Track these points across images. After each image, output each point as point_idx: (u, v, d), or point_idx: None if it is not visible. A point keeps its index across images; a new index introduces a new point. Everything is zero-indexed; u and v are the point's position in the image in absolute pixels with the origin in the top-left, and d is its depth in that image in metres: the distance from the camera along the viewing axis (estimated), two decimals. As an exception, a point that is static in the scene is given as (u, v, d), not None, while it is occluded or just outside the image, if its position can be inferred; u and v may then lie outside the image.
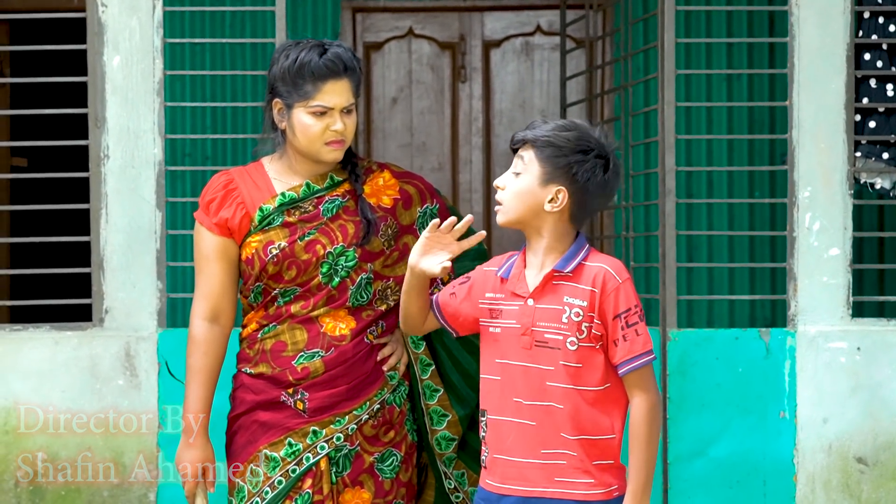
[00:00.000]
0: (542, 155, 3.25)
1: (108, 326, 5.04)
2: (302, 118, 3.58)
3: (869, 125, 5.14)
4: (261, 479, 3.59)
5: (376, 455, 3.69)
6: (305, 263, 3.61)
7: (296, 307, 3.64)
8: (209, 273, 3.65)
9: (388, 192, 3.75)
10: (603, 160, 3.25)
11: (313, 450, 3.62)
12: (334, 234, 3.63)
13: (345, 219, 3.66)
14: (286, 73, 3.58)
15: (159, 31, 5.04)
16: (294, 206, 3.64)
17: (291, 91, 3.58)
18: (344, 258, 3.63)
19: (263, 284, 3.64)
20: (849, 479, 5.06)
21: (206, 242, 3.65)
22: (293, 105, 3.59)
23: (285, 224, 3.62)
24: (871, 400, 5.06)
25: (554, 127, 3.27)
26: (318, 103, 3.57)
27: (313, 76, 3.55)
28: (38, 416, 5.01)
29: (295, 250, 3.60)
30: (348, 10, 7.06)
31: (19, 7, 6.72)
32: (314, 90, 3.56)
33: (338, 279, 3.63)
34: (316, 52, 3.57)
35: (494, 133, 7.14)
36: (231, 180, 3.68)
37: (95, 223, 5.04)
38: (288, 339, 3.64)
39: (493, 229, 7.08)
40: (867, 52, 5.16)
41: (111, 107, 5.05)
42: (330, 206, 3.66)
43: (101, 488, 5.00)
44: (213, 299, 3.64)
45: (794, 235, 5.10)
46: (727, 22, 6.90)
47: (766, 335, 5.07)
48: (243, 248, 3.64)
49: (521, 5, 7.09)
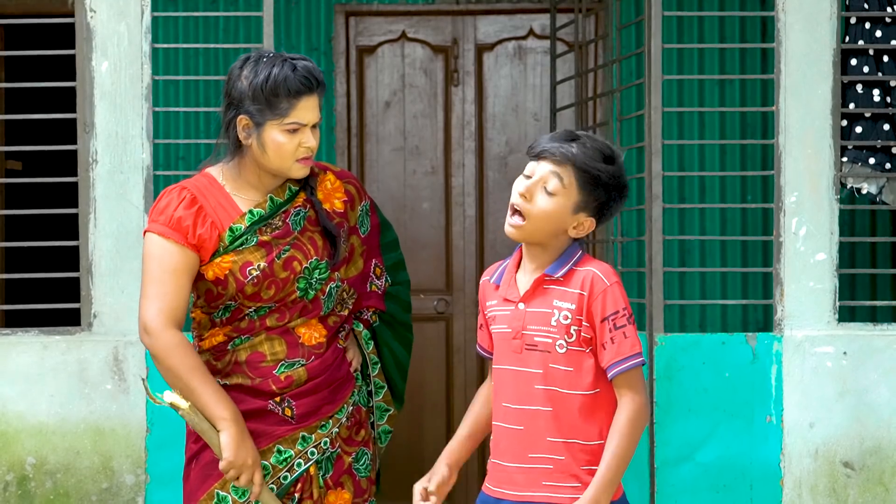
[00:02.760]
0: (583, 182, 3.21)
1: (96, 331, 5.05)
2: (275, 136, 3.51)
3: (855, 130, 5.14)
4: (249, 489, 3.56)
5: (353, 455, 3.71)
6: (284, 281, 3.57)
7: (271, 320, 3.61)
8: (176, 286, 3.52)
9: (336, 194, 3.72)
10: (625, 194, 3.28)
11: (304, 456, 3.62)
12: (306, 247, 3.61)
13: (311, 230, 3.63)
14: (258, 91, 3.48)
15: (147, 37, 5.06)
16: (265, 224, 3.58)
17: (264, 109, 3.49)
18: (318, 271, 3.62)
19: (237, 304, 3.59)
20: (835, 483, 5.07)
21: (176, 257, 3.52)
22: (264, 123, 3.50)
23: (260, 244, 3.57)
24: (857, 404, 5.07)
25: (598, 155, 3.22)
26: (293, 121, 3.50)
27: (289, 93, 3.48)
28: (27, 421, 5.02)
29: (274, 269, 3.56)
30: (341, 14, 7.06)
31: (13, 11, 6.74)
32: (289, 107, 3.49)
33: (312, 293, 3.62)
34: (287, 67, 3.50)
35: (487, 137, 7.14)
36: (195, 197, 3.57)
37: (84, 228, 5.06)
38: (266, 349, 3.60)
39: (485, 232, 7.11)
40: (854, 57, 5.16)
41: (100, 112, 5.06)
42: (297, 218, 3.62)
43: (89, 493, 5.01)
44: (177, 312, 3.52)
45: (781, 240, 5.11)
46: (719, 27, 6.90)
47: (753, 340, 5.08)
48: (210, 268, 3.55)
49: (513, 9, 7.09)
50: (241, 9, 6.87)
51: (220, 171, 3.64)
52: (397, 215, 6.92)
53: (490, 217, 7.10)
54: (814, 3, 5.10)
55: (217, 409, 3.47)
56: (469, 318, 6.93)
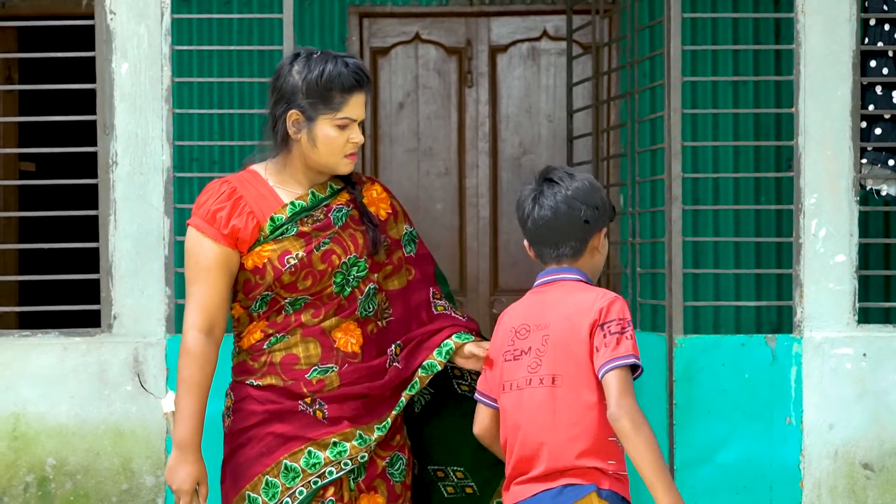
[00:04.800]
0: None
1: (116, 332, 5.05)
2: (327, 131, 3.56)
3: (875, 132, 5.14)
4: (279, 490, 3.57)
5: (387, 459, 3.70)
6: (321, 273, 3.59)
7: (306, 316, 3.62)
8: (210, 284, 3.57)
9: (381, 204, 3.78)
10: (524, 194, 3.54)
11: (337, 465, 3.61)
12: (346, 243, 3.64)
13: (353, 228, 3.67)
14: (312, 86, 3.54)
15: (167, 39, 5.06)
16: (306, 215, 3.63)
17: (317, 103, 3.54)
18: (356, 268, 3.64)
19: (273, 294, 3.61)
20: (855, 484, 5.07)
21: (210, 253, 3.56)
22: (316, 117, 3.56)
23: (300, 234, 3.60)
24: (876, 406, 5.07)
25: None
26: (345, 115, 3.56)
27: (342, 88, 3.54)
28: (47, 422, 5.02)
29: (312, 260, 3.58)
30: (355, 16, 7.07)
31: (28, 13, 6.74)
32: (342, 102, 3.55)
33: (349, 289, 3.63)
34: (340, 63, 3.56)
35: (501, 138, 7.15)
36: (234, 189, 3.62)
37: (104, 229, 5.06)
38: (300, 351, 3.61)
39: (499, 234, 7.11)
40: (873, 58, 5.17)
41: (119, 113, 5.06)
42: (339, 214, 3.66)
43: (109, 494, 5.02)
44: (211, 311, 3.57)
45: (801, 242, 5.11)
46: (733, 29, 6.91)
47: (773, 341, 5.08)
48: (249, 257, 3.58)
49: (527, 10, 7.10)
50: (255, 11, 6.88)
51: (263, 167, 3.68)
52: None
53: (504, 218, 7.10)
54: (833, 5, 5.10)
55: (178, 426, 3.56)
56: (482, 319, 6.92)
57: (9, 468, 5.03)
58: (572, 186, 3.47)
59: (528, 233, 3.52)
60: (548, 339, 3.40)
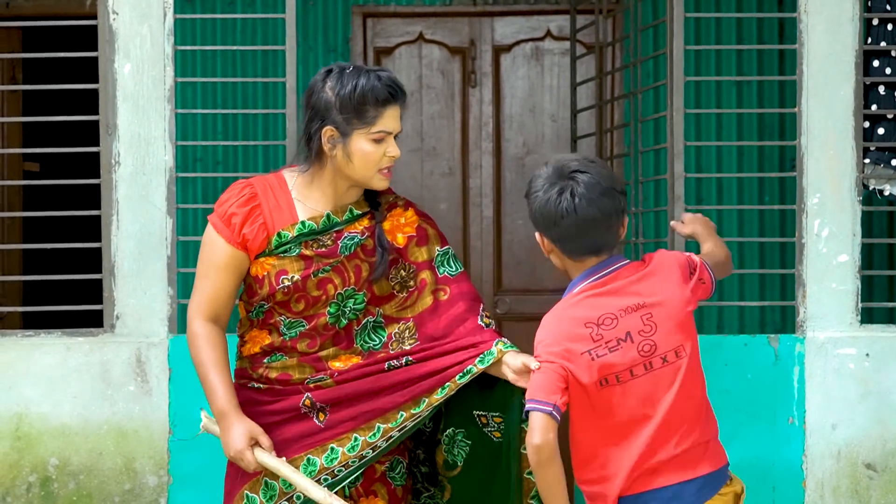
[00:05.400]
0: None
1: (119, 332, 5.06)
2: (362, 145, 3.55)
3: (878, 132, 5.14)
4: (276, 493, 3.60)
5: (386, 464, 3.71)
6: (314, 299, 3.61)
7: (302, 345, 3.64)
8: (217, 281, 3.63)
9: (405, 229, 3.74)
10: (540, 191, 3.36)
11: (331, 472, 3.62)
12: (347, 274, 3.63)
13: (361, 258, 3.65)
14: (346, 101, 3.53)
15: (170, 39, 5.06)
16: (313, 239, 3.62)
17: (352, 118, 3.54)
18: (353, 301, 3.64)
19: (269, 306, 3.64)
20: (858, 485, 5.07)
21: (222, 252, 3.62)
22: (351, 132, 3.55)
23: (301, 256, 3.61)
24: (879, 406, 5.06)
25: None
26: (380, 129, 3.55)
27: (377, 102, 3.53)
28: (49, 422, 5.03)
29: (307, 285, 3.59)
30: (359, 16, 7.07)
31: (31, 13, 6.75)
32: (377, 116, 3.54)
33: (345, 321, 3.64)
34: (373, 77, 3.54)
35: (504, 138, 7.15)
36: (255, 195, 3.63)
37: (107, 230, 5.06)
38: (296, 373, 3.65)
39: (503, 233, 7.10)
40: (876, 58, 5.16)
41: (122, 114, 5.06)
42: (349, 242, 3.64)
43: (112, 494, 5.02)
44: (215, 305, 3.63)
45: (803, 242, 5.10)
46: (737, 29, 6.90)
47: (775, 341, 5.08)
48: (255, 264, 3.63)
49: (530, 10, 7.09)
50: (259, 11, 6.88)
51: (293, 176, 3.68)
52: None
53: (507, 218, 7.10)
54: (836, 5, 5.10)
55: (211, 400, 3.57)
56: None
57: (12, 468, 5.04)
58: (599, 175, 3.34)
59: (564, 231, 3.34)
60: (650, 318, 3.32)
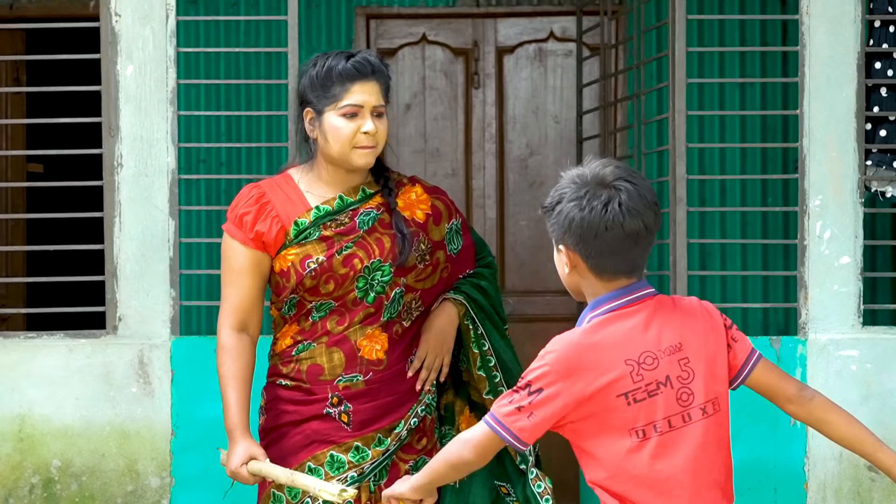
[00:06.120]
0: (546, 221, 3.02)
1: (121, 334, 5.06)
2: (333, 121, 3.60)
3: (879, 134, 5.14)
4: (300, 491, 3.62)
5: (410, 463, 3.73)
6: (343, 277, 3.63)
7: (331, 323, 3.66)
8: (240, 286, 3.66)
9: (420, 206, 3.77)
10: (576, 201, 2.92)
11: (359, 469, 3.66)
12: (371, 247, 3.65)
13: (380, 231, 3.68)
14: (315, 80, 3.62)
15: (172, 41, 5.06)
16: (330, 220, 3.65)
17: (321, 96, 3.61)
18: (380, 273, 3.66)
19: (298, 297, 3.67)
20: (859, 486, 5.06)
21: (239, 256, 3.66)
22: (323, 110, 3.61)
23: (322, 238, 3.64)
24: (881, 408, 5.06)
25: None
26: (347, 103, 3.58)
27: (341, 77, 3.59)
28: (52, 424, 5.03)
29: (333, 264, 3.62)
30: (362, 17, 7.07)
31: (35, 15, 6.77)
32: (342, 91, 3.59)
33: (373, 294, 3.66)
34: (343, 56, 3.63)
35: (507, 139, 7.15)
36: (263, 193, 3.68)
37: (109, 231, 5.07)
38: (325, 361, 3.67)
39: (506, 236, 7.11)
40: (878, 60, 5.16)
41: (125, 115, 5.07)
42: (366, 218, 3.67)
43: (114, 495, 5.03)
44: (242, 312, 3.66)
45: (805, 244, 5.10)
46: (740, 31, 6.90)
47: (777, 343, 5.07)
48: (277, 260, 3.65)
49: (534, 12, 7.10)
50: (262, 12, 6.89)
51: (298, 171, 3.75)
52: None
53: (510, 219, 7.11)
54: (838, 7, 5.10)
55: (226, 417, 3.63)
56: (489, 321, 6.91)
57: (14, 469, 5.04)
58: (643, 186, 2.95)
59: (606, 245, 2.92)
60: (688, 363, 2.96)
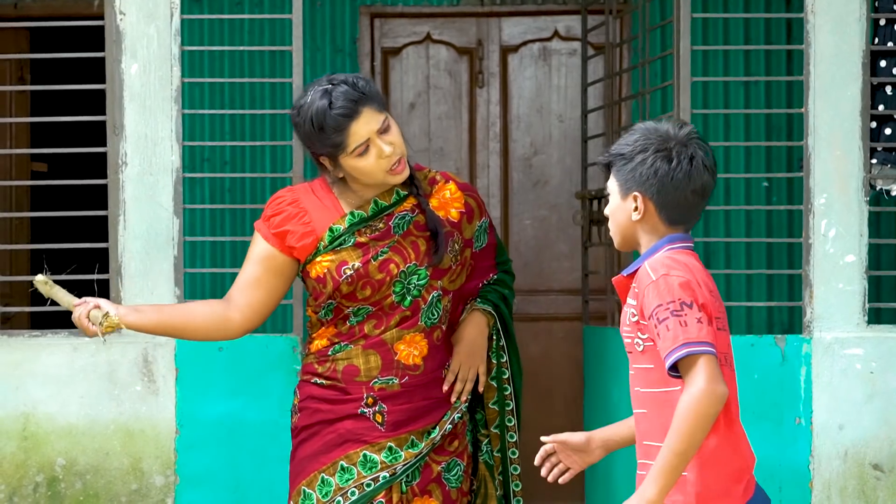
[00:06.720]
0: (615, 168, 3.13)
1: (125, 333, 5.00)
2: (352, 164, 3.59)
3: (885, 132, 5.13)
4: (332, 489, 3.64)
5: (443, 465, 3.73)
6: (379, 283, 3.63)
7: (368, 327, 3.68)
8: (247, 271, 3.72)
9: (454, 204, 3.76)
10: (664, 153, 3.11)
11: (391, 470, 3.66)
12: (406, 251, 3.66)
13: (416, 235, 3.68)
14: (312, 134, 3.58)
15: (177, 39, 5.06)
16: (365, 226, 3.66)
17: (327, 146, 3.58)
18: (416, 277, 3.66)
19: (336, 303, 3.67)
20: (865, 485, 5.06)
21: (258, 248, 3.72)
22: (337, 157, 3.60)
23: (357, 245, 3.65)
24: (886, 406, 5.05)
25: (622, 137, 3.18)
26: (355, 145, 3.56)
27: (336, 128, 3.54)
28: (56, 422, 5.03)
29: (369, 270, 3.63)
30: (366, 16, 7.07)
31: (39, 14, 6.77)
32: (344, 136, 3.55)
33: (410, 298, 3.66)
34: (324, 99, 3.54)
35: (512, 138, 7.15)
36: (297, 199, 3.71)
37: (113, 230, 5.07)
38: (361, 363, 3.68)
39: (510, 233, 7.11)
40: (883, 59, 5.15)
41: (129, 114, 5.07)
42: (400, 221, 3.68)
43: (119, 494, 5.03)
44: (236, 289, 3.72)
45: (810, 242, 5.09)
46: (744, 29, 6.90)
47: (782, 342, 5.07)
48: (312, 266, 3.67)
49: (538, 11, 7.10)
50: (267, 11, 6.89)
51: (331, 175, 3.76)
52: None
53: (515, 219, 7.10)
54: (843, 5, 5.09)
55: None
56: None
57: (19, 468, 5.04)
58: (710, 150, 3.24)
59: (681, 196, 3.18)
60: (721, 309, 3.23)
